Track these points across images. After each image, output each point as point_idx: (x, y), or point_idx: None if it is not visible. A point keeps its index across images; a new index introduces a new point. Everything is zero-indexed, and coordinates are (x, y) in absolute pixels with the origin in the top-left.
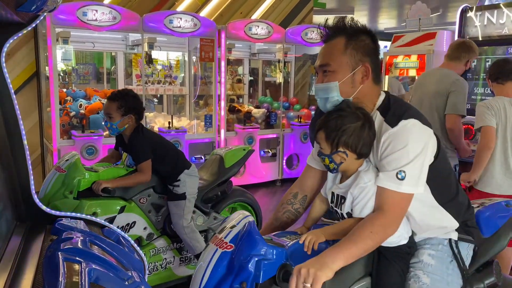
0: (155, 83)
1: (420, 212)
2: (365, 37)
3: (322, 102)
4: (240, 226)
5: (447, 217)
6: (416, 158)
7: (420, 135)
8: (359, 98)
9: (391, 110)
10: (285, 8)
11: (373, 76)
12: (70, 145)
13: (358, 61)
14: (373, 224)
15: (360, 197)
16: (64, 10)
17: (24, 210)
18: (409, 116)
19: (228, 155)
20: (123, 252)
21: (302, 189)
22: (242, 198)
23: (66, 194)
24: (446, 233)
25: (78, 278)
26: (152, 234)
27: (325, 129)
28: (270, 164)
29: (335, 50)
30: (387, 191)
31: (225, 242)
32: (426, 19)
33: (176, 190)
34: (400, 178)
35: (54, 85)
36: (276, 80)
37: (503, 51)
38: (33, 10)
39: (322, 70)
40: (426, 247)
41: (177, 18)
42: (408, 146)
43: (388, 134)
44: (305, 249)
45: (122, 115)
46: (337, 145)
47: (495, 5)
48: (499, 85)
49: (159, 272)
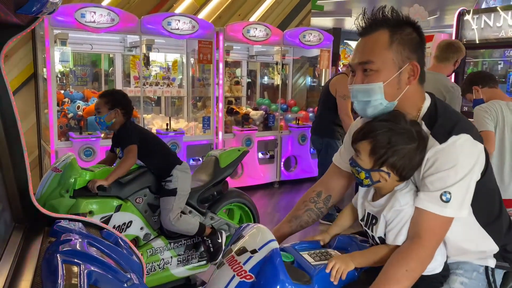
0: (153, 85)
1: (458, 235)
2: (410, 30)
3: (362, 106)
4: (263, 254)
5: (487, 241)
6: (464, 179)
7: (471, 153)
8: (402, 102)
9: (438, 122)
10: (283, 10)
11: (420, 76)
12: (67, 146)
13: (405, 58)
14: (408, 259)
15: (395, 222)
16: (62, 11)
17: (22, 212)
18: (461, 131)
19: (223, 155)
20: (121, 254)
21: (326, 189)
22: (239, 199)
23: (62, 193)
24: (483, 259)
25: (77, 280)
26: (149, 234)
27: (372, 141)
28: (268, 166)
29: (378, 45)
30: (428, 214)
31: (244, 270)
32: (423, 21)
33: (168, 185)
34: (445, 200)
35: (52, 86)
36: (274, 82)
37: (500, 54)
38: (32, 12)
39: (362, 69)
40: (459, 273)
41: (175, 20)
42: (457, 166)
43: (434, 151)
44: (332, 279)
45: (109, 109)
46: (382, 164)
47: (492, 8)
48: (491, 89)
49: (157, 272)
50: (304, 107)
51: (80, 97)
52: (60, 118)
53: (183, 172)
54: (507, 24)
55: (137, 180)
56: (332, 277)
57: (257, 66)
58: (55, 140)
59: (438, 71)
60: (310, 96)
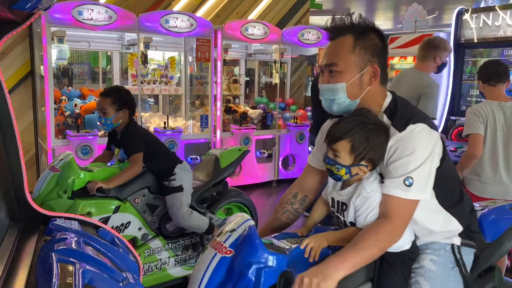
0: (151, 83)
1: (424, 217)
2: (373, 36)
3: (328, 103)
4: (240, 231)
5: (451, 221)
6: (424, 164)
7: (428, 140)
8: (365, 99)
9: (398, 114)
10: (282, 8)
11: (381, 77)
12: (65, 145)
13: (366, 61)
14: (378, 232)
15: (364, 208)
16: (60, 9)
17: (17, 210)
18: (417, 120)
19: (224, 155)
20: (117, 253)
21: (302, 189)
22: (237, 199)
23: (60, 194)
24: (449, 238)
25: (72, 279)
26: (147, 234)
27: (351, 140)
28: (266, 165)
29: (342, 49)
30: (394, 198)
31: (224, 246)
32: (422, 20)
33: (173, 183)
34: (408, 184)
35: (49, 84)
36: (272, 80)
37: (498, 53)
38: (27, 8)
39: (329, 70)
40: (428, 252)
41: (173, 18)
42: (416, 152)
43: (395, 139)
44: (306, 256)
45: (117, 110)
46: (362, 159)
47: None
48: (491, 87)
49: (154, 273)
50: (302, 106)
51: (78, 95)
52: (57, 116)
53: (185, 171)
54: (506, 23)
55: (136, 180)
56: (306, 253)
57: (256, 64)
58: (52, 138)
59: (420, 69)
60: (308, 95)
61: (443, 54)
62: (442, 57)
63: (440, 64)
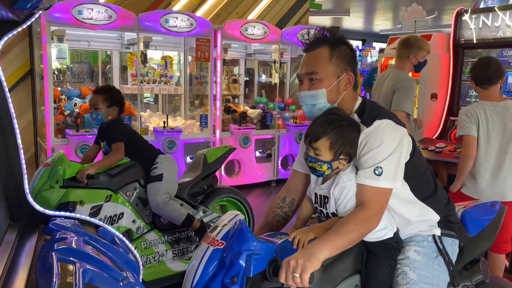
0: (150, 83)
1: (402, 207)
2: (345, 47)
3: (309, 108)
4: (231, 224)
5: (428, 211)
6: (392, 155)
7: (394, 134)
8: (341, 103)
9: (366, 112)
10: (281, 8)
11: (353, 83)
12: (64, 144)
13: (342, 69)
14: (356, 218)
15: (342, 196)
16: (59, 8)
17: (17, 209)
18: (383, 117)
19: (210, 152)
20: (117, 252)
21: (289, 193)
22: (231, 195)
23: (53, 184)
24: (429, 230)
25: (72, 278)
26: (141, 227)
27: (329, 138)
28: (265, 165)
29: (320, 59)
30: (366, 187)
31: (216, 240)
32: (421, 21)
33: (154, 171)
34: (378, 174)
35: (48, 83)
36: (272, 80)
37: (498, 54)
38: (28, 8)
39: (309, 78)
40: (412, 244)
41: (173, 18)
42: (384, 144)
43: (364, 134)
44: (295, 247)
45: (108, 106)
46: (340, 153)
47: (490, 8)
48: (483, 90)
49: (152, 265)
50: None
51: (77, 94)
52: (57, 115)
53: (167, 160)
54: (505, 24)
55: (125, 172)
56: (295, 245)
57: (255, 64)
58: (51, 137)
59: (398, 68)
60: None
61: (418, 53)
62: (418, 56)
63: (417, 64)
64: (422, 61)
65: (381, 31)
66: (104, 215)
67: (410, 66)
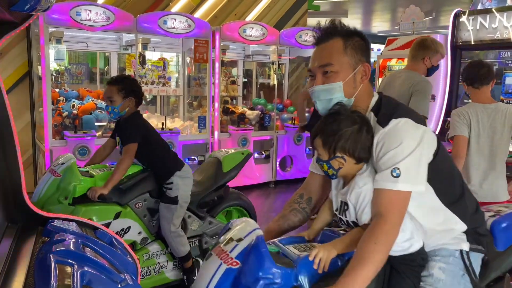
0: (149, 84)
1: (424, 215)
2: (358, 38)
3: (324, 104)
4: (248, 241)
5: (453, 219)
6: (411, 155)
7: (414, 132)
8: (357, 99)
9: (382, 110)
10: (280, 10)
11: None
12: (62, 145)
13: (358, 60)
14: (374, 234)
15: (358, 203)
16: (58, 9)
17: (15, 211)
18: (400, 115)
19: (227, 159)
20: (116, 254)
21: (307, 191)
22: (238, 202)
23: (61, 200)
24: (457, 243)
25: (70, 280)
26: (146, 238)
27: (321, 135)
28: (264, 166)
29: (335, 50)
30: (383, 191)
31: (230, 257)
32: (419, 22)
33: (169, 193)
34: (395, 175)
35: (46, 85)
36: (270, 82)
37: (495, 55)
38: (26, 10)
39: (322, 71)
40: (437, 259)
41: (171, 19)
42: (403, 144)
43: (380, 135)
44: (316, 267)
45: (123, 97)
46: (335, 151)
47: (487, 9)
48: (475, 89)
49: (152, 276)
50: None
51: (75, 95)
52: (55, 116)
53: (184, 178)
54: (502, 25)
55: (138, 185)
56: (316, 265)
57: (253, 65)
58: (49, 139)
59: (411, 69)
60: None
61: (433, 56)
62: (432, 59)
63: (430, 67)
64: (435, 65)
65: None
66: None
67: (424, 68)
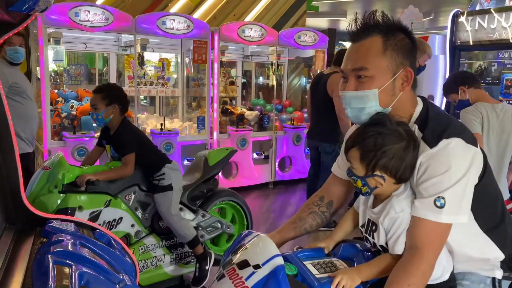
0: (148, 85)
1: (460, 241)
2: (403, 36)
3: (356, 113)
4: (266, 270)
5: (491, 247)
6: (458, 183)
7: (464, 156)
8: (395, 108)
9: (429, 125)
10: (279, 11)
11: (412, 82)
12: (61, 146)
13: (399, 64)
14: (409, 274)
15: (393, 230)
16: (56, 10)
17: (13, 212)
18: (451, 135)
19: (211, 154)
20: (114, 255)
21: (328, 194)
22: (230, 198)
23: (51, 189)
24: (490, 270)
25: (68, 281)
26: (140, 231)
27: (360, 147)
28: (263, 167)
29: (372, 51)
30: (423, 221)
31: (246, 286)
32: (418, 23)
33: (162, 182)
34: (439, 206)
35: (45, 85)
36: (269, 82)
37: (494, 55)
38: (24, 10)
39: (356, 75)
40: (465, 284)
41: (170, 20)
42: (451, 170)
43: (426, 156)
44: None
45: (107, 105)
46: (374, 168)
47: (486, 10)
48: (477, 90)
49: (149, 270)
50: (299, 107)
51: (74, 96)
52: (54, 117)
53: (174, 170)
54: (501, 25)
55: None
56: None
57: (252, 66)
58: (48, 140)
59: None
60: (305, 97)
61: (420, 56)
62: (419, 59)
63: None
64: (422, 65)
65: None
66: (103, 221)
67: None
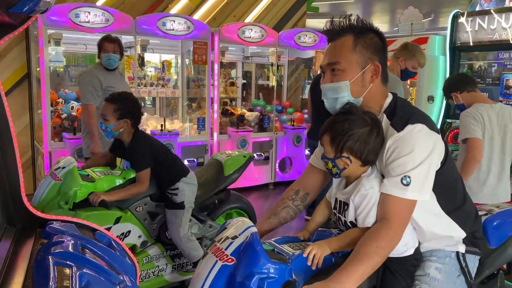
0: (148, 86)
1: (425, 220)
2: (373, 35)
3: (331, 103)
4: (242, 238)
5: (453, 226)
6: (422, 163)
7: (427, 141)
8: (367, 98)
9: (397, 114)
10: (279, 12)
11: (382, 75)
12: (61, 147)
13: (367, 59)
14: (377, 238)
15: (363, 205)
16: (56, 11)
17: (14, 213)
18: (416, 121)
19: (228, 162)
20: (114, 256)
21: (303, 187)
22: (238, 205)
23: (62, 205)
24: (453, 246)
25: (68, 282)
26: (146, 241)
27: (330, 132)
28: (263, 167)
29: (343, 48)
30: (392, 197)
31: (225, 254)
32: (418, 24)
33: (175, 198)
34: (405, 184)
35: (45, 87)
36: (269, 83)
37: (494, 56)
38: (25, 11)
39: (331, 69)
40: (433, 259)
41: (170, 21)
42: (415, 152)
43: (394, 139)
44: (309, 263)
45: (118, 118)
46: (342, 150)
47: (486, 10)
48: (470, 93)
49: (151, 279)
50: (299, 108)
51: (74, 97)
52: (54, 118)
53: (189, 184)
54: (501, 26)
55: None
56: (309, 261)
57: (252, 67)
58: (48, 141)
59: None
60: (305, 98)
61: (409, 59)
62: (407, 62)
63: (404, 69)
64: (411, 70)
65: None
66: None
67: (398, 68)
